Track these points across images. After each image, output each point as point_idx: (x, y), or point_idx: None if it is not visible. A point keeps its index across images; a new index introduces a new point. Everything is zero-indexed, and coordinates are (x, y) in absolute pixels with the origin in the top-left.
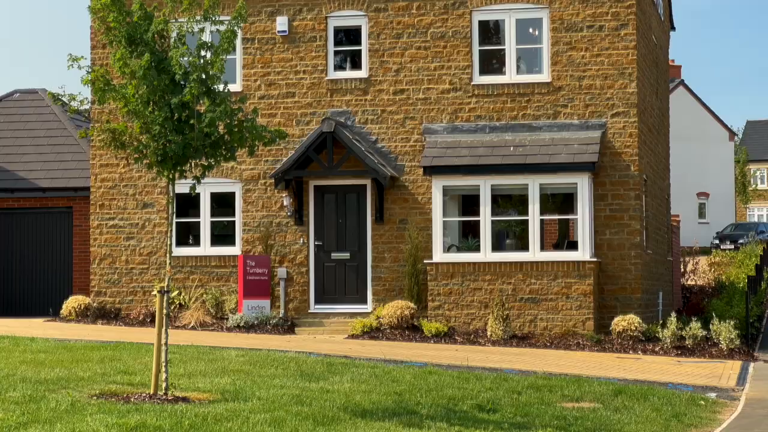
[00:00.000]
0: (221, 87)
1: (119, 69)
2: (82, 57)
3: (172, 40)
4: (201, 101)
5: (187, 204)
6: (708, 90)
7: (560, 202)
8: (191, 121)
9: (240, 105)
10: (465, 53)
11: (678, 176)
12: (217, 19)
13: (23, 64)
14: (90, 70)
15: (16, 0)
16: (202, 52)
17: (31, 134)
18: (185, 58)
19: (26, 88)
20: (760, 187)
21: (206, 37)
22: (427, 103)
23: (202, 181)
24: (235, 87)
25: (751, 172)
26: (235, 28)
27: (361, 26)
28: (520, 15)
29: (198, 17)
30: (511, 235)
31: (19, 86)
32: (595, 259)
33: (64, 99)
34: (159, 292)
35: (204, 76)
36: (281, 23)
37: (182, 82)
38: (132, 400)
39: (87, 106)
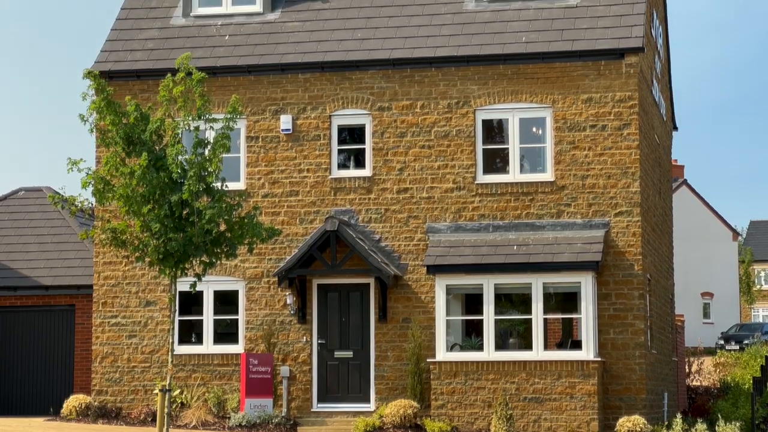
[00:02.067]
0: (219, 184)
1: (108, 171)
2: (82, 159)
3: (169, 138)
4: (200, 198)
5: (190, 302)
6: (711, 190)
7: (564, 300)
8: (191, 218)
9: (239, 200)
10: (469, 152)
11: (682, 276)
12: (210, 117)
13: (28, 161)
14: (89, 173)
15: (23, 99)
16: (199, 149)
17: (35, 232)
18: (182, 156)
19: (31, 186)
20: (764, 287)
21: (203, 134)
22: (430, 202)
23: (204, 278)
24: (239, 185)
25: (756, 272)
26: (231, 123)
27: (365, 125)
28: (523, 114)
29: (191, 116)
30: (514, 334)
31: (24, 184)
32: (599, 359)
33: (65, 199)
34: (161, 390)
35: (203, 173)
36: (285, 122)
37: (180, 180)
38: None
39: (89, 206)
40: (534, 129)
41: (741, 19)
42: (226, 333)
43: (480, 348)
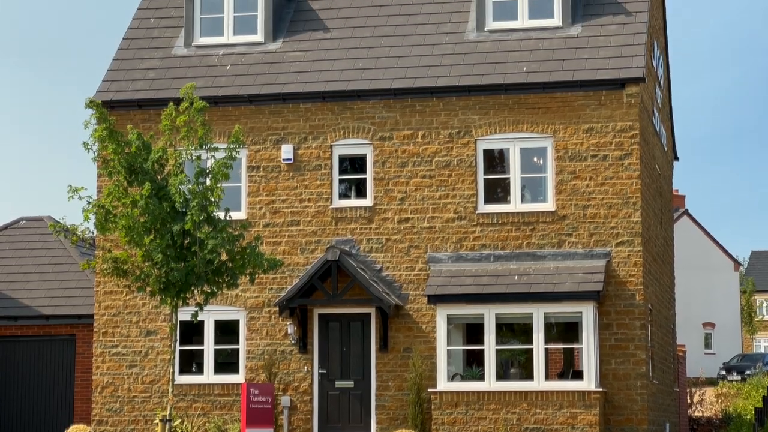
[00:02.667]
0: (222, 214)
1: (110, 202)
2: (83, 187)
3: (171, 168)
4: (201, 228)
5: (191, 331)
6: (712, 220)
7: (565, 330)
8: (193, 248)
9: (241, 231)
10: (470, 182)
11: (683, 306)
12: (212, 146)
13: (29, 191)
14: (90, 201)
15: (23, 128)
16: (201, 179)
17: (35, 261)
18: (184, 186)
19: (32, 216)
20: (766, 317)
21: (204, 164)
22: (431, 232)
23: (205, 308)
24: (240, 214)
25: (757, 302)
26: (234, 153)
27: (366, 154)
28: (524, 144)
29: (194, 145)
30: (515, 364)
31: (24, 213)
32: (600, 389)
33: (67, 228)
34: (161, 420)
35: (205, 203)
36: (286, 151)
37: (183, 210)
38: None
39: (90, 234)
40: (535, 159)
41: (743, 48)
42: (226, 363)
43: (481, 378)
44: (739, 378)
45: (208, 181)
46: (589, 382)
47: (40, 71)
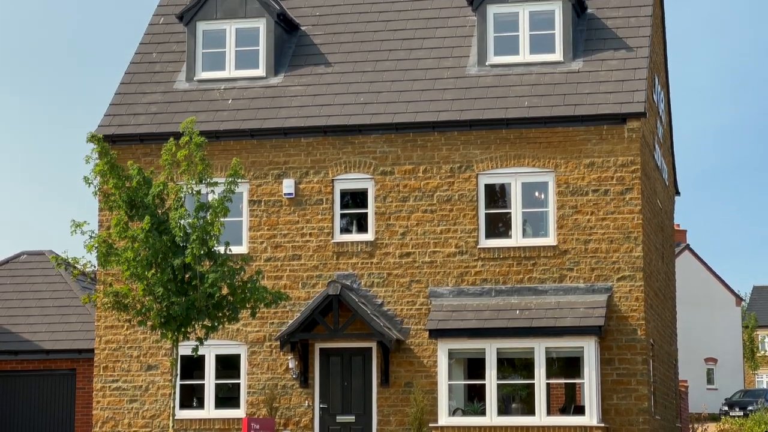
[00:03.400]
0: (222, 248)
1: (117, 234)
2: (85, 222)
3: (171, 202)
4: (202, 262)
5: (192, 366)
6: (714, 255)
7: (566, 365)
8: (194, 282)
9: (242, 264)
10: (471, 216)
11: (685, 341)
12: (211, 181)
13: (30, 225)
14: (93, 236)
15: (24, 163)
16: (201, 213)
17: (36, 296)
18: (184, 220)
19: (33, 250)
20: None
21: (205, 198)
22: (433, 267)
23: (205, 342)
24: (242, 249)
25: (759, 337)
26: (232, 186)
27: (367, 189)
28: (525, 179)
29: (194, 180)
30: (517, 399)
31: (25, 248)
32: (602, 425)
33: (68, 261)
34: None
35: (205, 237)
36: (288, 186)
37: (183, 244)
38: None
39: (91, 268)
40: (536, 193)
41: (744, 83)
42: (227, 397)
43: (482, 413)
44: (742, 414)
45: (208, 216)
46: (590, 418)
47: (41, 106)
